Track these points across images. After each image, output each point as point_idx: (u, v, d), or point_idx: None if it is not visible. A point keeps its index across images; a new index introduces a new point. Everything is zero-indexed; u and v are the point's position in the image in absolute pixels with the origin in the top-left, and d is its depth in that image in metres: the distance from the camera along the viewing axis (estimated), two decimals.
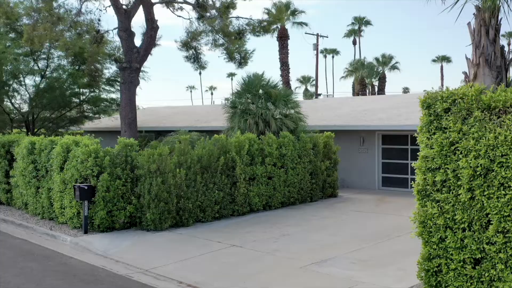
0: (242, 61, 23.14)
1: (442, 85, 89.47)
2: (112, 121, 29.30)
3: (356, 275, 9.27)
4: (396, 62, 72.76)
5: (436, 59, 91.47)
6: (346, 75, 73.63)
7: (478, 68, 7.20)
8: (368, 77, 69.93)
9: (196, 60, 23.95)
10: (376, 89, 70.81)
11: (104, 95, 28.38)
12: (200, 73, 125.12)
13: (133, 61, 20.73)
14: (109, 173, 13.16)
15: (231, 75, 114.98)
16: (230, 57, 22.76)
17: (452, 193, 6.62)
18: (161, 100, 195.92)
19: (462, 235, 6.54)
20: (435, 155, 6.78)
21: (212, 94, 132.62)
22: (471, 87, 6.75)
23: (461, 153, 6.56)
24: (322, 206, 16.94)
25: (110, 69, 26.55)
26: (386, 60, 72.18)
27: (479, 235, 6.40)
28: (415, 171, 7.12)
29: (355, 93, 65.97)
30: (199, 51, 23.69)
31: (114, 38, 23.44)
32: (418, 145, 7.15)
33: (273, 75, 19.56)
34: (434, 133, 6.88)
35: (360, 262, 10.09)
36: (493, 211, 6.22)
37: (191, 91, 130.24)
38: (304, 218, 14.81)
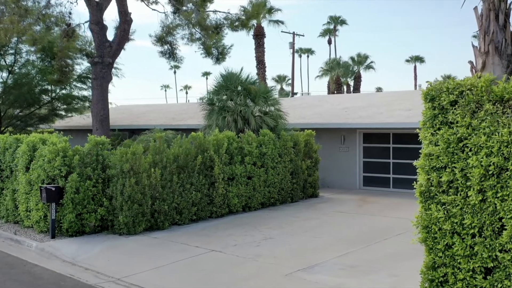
0: (220, 57, 22.32)
1: (415, 85, 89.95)
2: (84, 119, 28.24)
3: (347, 283, 8.60)
4: (371, 62, 72.89)
5: (409, 59, 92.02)
6: (322, 74, 73.52)
7: (487, 57, 6.57)
8: (344, 76, 69.86)
9: (171, 55, 23.02)
10: (352, 88, 70.70)
11: (75, 93, 27.31)
12: (175, 72, 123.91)
13: (105, 55, 19.73)
14: (78, 173, 12.28)
15: (206, 74, 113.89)
16: (207, 52, 21.91)
17: (460, 194, 5.97)
18: (135, 98, 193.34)
19: (472, 242, 5.89)
20: (441, 153, 6.13)
21: (186, 93, 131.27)
22: (479, 77, 6.11)
23: (470, 150, 5.92)
24: (303, 207, 16.28)
25: (81, 65, 25.53)
26: (361, 60, 72.22)
27: (491, 241, 5.76)
28: (417, 171, 6.46)
29: (331, 92, 65.69)
30: (174, 46, 22.76)
31: (85, 33, 22.42)
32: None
33: (250, 73, 18.91)
34: (439, 129, 6.22)
35: (350, 268, 9.42)
36: (507, 214, 5.59)
37: (165, 90, 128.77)
38: (286, 220, 14.12)
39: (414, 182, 6.48)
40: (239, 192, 15.08)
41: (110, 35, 20.97)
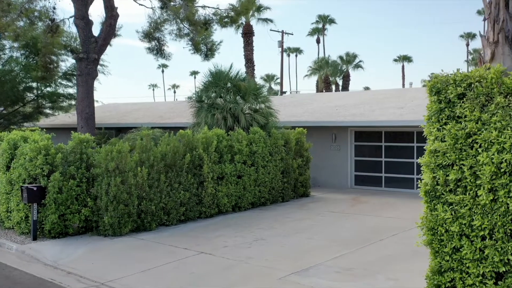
0: (209, 53, 21.78)
1: (403, 84, 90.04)
2: (69, 117, 27.59)
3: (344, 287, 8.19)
4: (360, 61, 72.75)
5: (397, 58, 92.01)
6: (310, 73, 73.29)
7: (497, 47, 6.18)
8: (333, 76, 69.71)
9: (159, 51, 22.42)
10: (340, 87, 70.47)
11: (61, 90, 26.64)
12: (162, 71, 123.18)
13: (90, 51, 19.12)
14: (61, 172, 11.76)
15: (195, 73, 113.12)
16: (196, 49, 21.35)
17: (469, 194, 5.57)
18: (122, 97, 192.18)
19: (482, 245, 5.50)
20: (448, 149, 5.72)
21: (175, 92, 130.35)
22: (488, 69, 5.72)
23: (480, 146, 5.52)
24: (295, 207, 15.86)
25: (66, 62, 24.88)
26: (350, 59, 72.04)
27: (502, 244, 5.37)
28: (422, 169, 6.05)
29: (319, 91, 65.46)
30: (162, 42, 22.17)
31: (70, 28, 21.77)
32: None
33: (240, 70, 18.34)
34: (445, 123, 5.82)
35: (345, 271, 9.00)
36: None
37: (153, 89, 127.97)
38: (277, 220, 13.69)
39: (419, 181, 6.07)
40: (228, 191, 14.63)
41: (96, 30, 20.41)
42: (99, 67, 22.71)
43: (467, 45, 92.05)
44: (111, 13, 19.58)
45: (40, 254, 10.71)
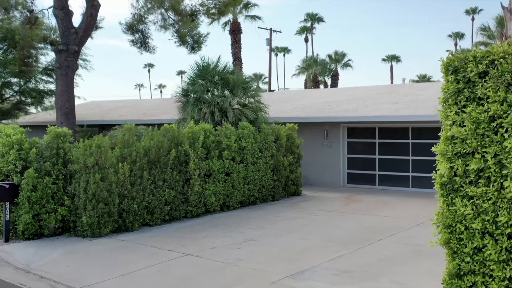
0: (195, 46, 20.94)
1: (392, 84, 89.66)
2: (50, 114, 26.64)
3: None
4: (349, 60, 72.49)
5: (386, 58, 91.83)
6: (299, 72, 72.81)
7: None
8: (321, 75, 69.22)
9: (143, 44, 21.55)
10: (329, 87, 69.95)
11: (42, 86, 25.67)
12: (149, 71, 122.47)
13: (70, 43, 18.21)
14: (36, 168, 10.92)
15: (181, 73, 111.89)
16: (182, 41, 20.49)
17: (494, 186, 4.85)
18: (108, 97, 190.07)
19: (508, 244, 4.78)
20: (468, 135, 5.00)
21: (161, 92, 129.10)
22: (510, 44, 5.01)
23: (506, 131, 4.81)
24: (286, 206, 15.12)
25: (47, 56, 23.91)
26: (338, 57, 71.71)
27: None
28: (437, 158, 5.32)
29: None
30: (146, 35, 21.31)
31: (50, 20, 20.80)
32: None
33: (228, 62, 17.41)
34: (465, 106, 5.09)
35: (344, 274, 8.26)
36: None
37: (139, 89, 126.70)
38: (268, 220, 12.94)
39: (434, 172, 5.34)
40: (216, 189, 13.86)
41: (77, 22, 19.47)
42: (80, 61, 21.86)
43: (456, 44, 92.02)
44: (92, 3, 18.68)
45: (11, 257, 9.85)
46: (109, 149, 11.52)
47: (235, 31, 46.89)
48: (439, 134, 5.36)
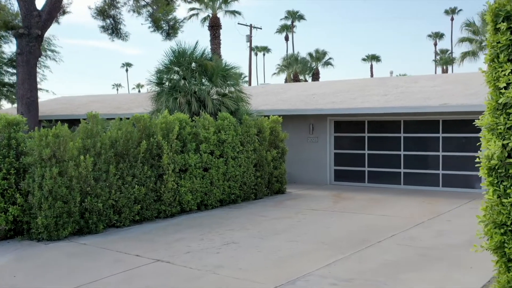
0: (171, 31, 19.42)
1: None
2: (15, 108, 24.93)
3: None
4: (330, 58, 72.00)
5: (366, 58, 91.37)
6: (279, 71, 72.08)
7: None
8: (302, 73, 68.29)
9: (114, 31, 20.00)
10: None
11: (6, 79, 23.94)
12: (126, 70, 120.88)
13: (33, 26, 16.58)
14: None
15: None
16: (156, 26, 18.97)
17: None
18: (84, 96, 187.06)
19: None
20: None
21: (139, 91, 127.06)
22: None
23: None
24: (270, 205, 13.78)
25: (11, 45, 22.22)
26: (319, 56, 71.03)
27: None
28: (480, 135, 4.01)
29: None
30: (118, 21, 19.76)
31: (12, 5, 19.15)
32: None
33: (206, 47, 16.13)
34: None
35: (344, 283, 6.92)
36: None
37: (117, 89, 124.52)
38: (251, 220, 11.59)
39: (479, 152, 4.02)
40: (193, 186, 12.45)
41: (40, 5, 17.81)
42: (49, 52, 20.19)
43: (435, 44, 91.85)
44: None
45: None
46: (69, 140, 10.06)
47: (214, 26, 45.57)
48: (483, 102, 4.04)
